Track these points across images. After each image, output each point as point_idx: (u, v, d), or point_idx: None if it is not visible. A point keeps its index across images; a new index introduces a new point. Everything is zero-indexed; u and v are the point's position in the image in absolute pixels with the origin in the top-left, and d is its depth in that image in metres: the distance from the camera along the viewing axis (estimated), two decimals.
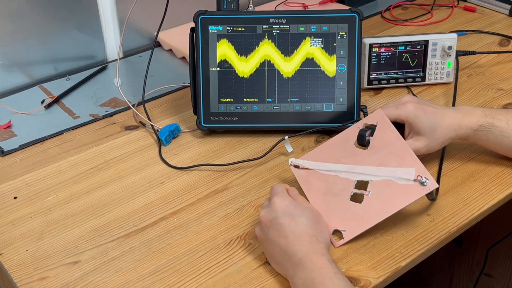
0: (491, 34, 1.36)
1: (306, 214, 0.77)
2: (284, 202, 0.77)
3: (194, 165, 0.97)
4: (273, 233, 0.75)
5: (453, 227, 0.84)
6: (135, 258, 0.80)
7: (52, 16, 1.21)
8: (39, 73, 1.24)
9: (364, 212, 0.81)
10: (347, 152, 0.87)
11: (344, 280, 0.70)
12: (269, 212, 0.77)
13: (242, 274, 0.77)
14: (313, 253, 0.72)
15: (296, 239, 0.74)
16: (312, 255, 0.72)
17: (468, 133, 0.90)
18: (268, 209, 0.77)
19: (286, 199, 0.78)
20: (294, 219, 0.75)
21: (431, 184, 0.80)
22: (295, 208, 0.77)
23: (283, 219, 0.75)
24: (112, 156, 1.00)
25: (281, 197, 0.78)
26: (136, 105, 1.12)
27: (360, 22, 1.01)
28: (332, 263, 0.72)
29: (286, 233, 0.74)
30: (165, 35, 1.33)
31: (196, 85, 1.02)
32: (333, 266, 0.71)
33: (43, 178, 0.95)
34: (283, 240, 0.74)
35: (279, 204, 0.77)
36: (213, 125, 1.03)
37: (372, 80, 1.16)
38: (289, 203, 0.77)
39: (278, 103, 1.03)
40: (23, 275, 0.77)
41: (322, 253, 0.73)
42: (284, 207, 0.76)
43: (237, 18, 1.01)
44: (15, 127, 1.08)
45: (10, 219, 0.87)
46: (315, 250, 0.73)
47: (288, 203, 0.77)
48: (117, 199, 0.90)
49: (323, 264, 0.71)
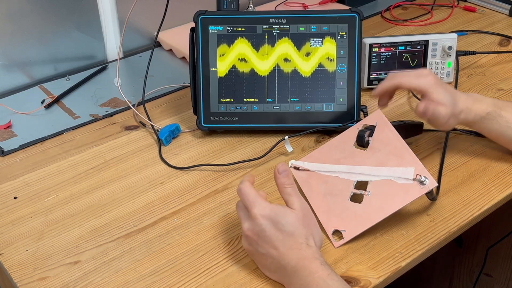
0: (491, 34, 1.36)
1: (290, 219, 0.73)
2: (265, 211, 0.73)
3: (194, 165, 0.97)
4: (262, 246, 0.74)
5: (453, 227, 0.84)
6: (135, 258, 0.80)
7: (52, 16, 1.21)
8: (39, 73, 1.24)
9: (364, 212, 0.81)
10: (347, 153, 0.87)
11: (338, 281, 0.70)
12: (253, 226, 0.74)
13: (242, 274, 0.77)
14: (305, 259, 0.72)
15: (287, 249, 0.73)
16: (304, 262, 0.72)
17: (475, 119, 0.91)
18: (251, 222, 0.74)
19: (265, 207, 0.73)
20: (281, 229, 0.73)
21: (431, 183, 0.80)
22: (277, 216, 0.73)
23: (269, 231, 0.73)
24: (112, 156, 1.00)
25: (260, 207, 0.73)
26: (136, 105, 1.12)
27: (360, 22, 1.01)
28: (325, 265, 0.72)
29: (276, 245, 0.73)
30: (165, 35, 1.33)
31: (196, 85, 1.03)
32: (326, 269, 0.71)
33: (43, 178, 0.95)
34: (274, 252, 0.73)
35: (261, 215, 0.73)
36: (213, 125, 1.03)
37: (372, 80, 1.16)
38: (270, 211, 0.73)
39: (278, 103, 1.03)
40: (23, 275, 0.77)
41: (314, 258, 0.72)
42: (267, 217, 0.73)
43: (237, 18, 1.01)
44: (15, 127, 1.08)
45: (10, 219, 0.87)
46: (307, 256, 0.72)
47: (269, 212, 0.73)
48: (117, 199, 0.90)
49: (316, 269, 0.71)
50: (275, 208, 0.74)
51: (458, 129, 1.03)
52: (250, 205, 0.74)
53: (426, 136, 1.02)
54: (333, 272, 0.71)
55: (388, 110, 1.10)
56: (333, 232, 0.82)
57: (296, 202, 0.75)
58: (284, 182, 0.76)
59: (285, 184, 0.76)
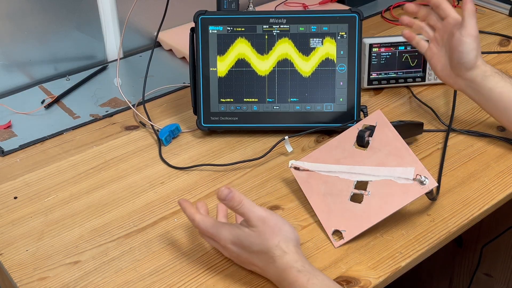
0: (491, 34, 1.36)
1: (253, 239, 0.72)
2: (230, 238, 0.74)
3: (194, 165, 0.97)
4: (246, 265, 0.76)
5: (453, 227, 0.84)
6: (135, 258, 0.80)
7: (52, 16, 1.21)
8: (39, 73, 1.24)
9: (363, 212, 0.81)
10: (347, 153, 0.87)
11: (320, 281, 0.70)
12: (229, 252, 0.76)
13: (242, 274, 0.77)
14: (283, 272, 0.71)
15: (265, 265, 0.73)
16: (282, 274, 0.72)
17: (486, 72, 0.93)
18: (225, 249, 0.76)
19: (228, 234, 0.74)
20: (250, 250, 0.73)
21: (431, 183, 0.80)
22: (241, 240, 0.73)
23: (243, 254, 0.74)
24: (112, 156, 1.00)
25: (223, 236, 0.74)
26: (136, 105, 1.12)
27: (360, 22, 1.01)
28: (303, 271, 0.70)
29: (255, 262, 0.74)
30: (165, 35, 1.33)
31: (196, 85, 1.03)
32: (305, 274, 0.70)
33: (43, 178, 0.95)
34: (257, 269, 0.75)
35: (230, 243, 0.74)
36: (213, 125, 1.03)
37: (372, 80, 1.16)
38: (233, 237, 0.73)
39: (278, 103, 1.03)
40: (23, 275, 0.78)
41: (290, 267, 0.71)
42: (234, 244, 0.74)
43: (237, 18, 1.01)
44: (15, 127, 1.08)
45: (10, 219, 0.87)
46: (283, 268, 0.71)
47: (233, 238, 0.73)
48: (117, 199, 0.90)
49: (295, 278, 0.70)
50: (237, 232, 0.73)
51: (458, 129, 1.03)
52: (214, 237, 0.75)
53: (426, 136, 1.02)
54: (313, 275, 0.70)
55: (388, 110, 1.11)
56: (333, 232, 0.82)
57: (252, 218, 0.72)
58: (232, 205, 0.72)
59: (234, 207, 0.72)
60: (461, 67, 0.93)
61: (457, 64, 0.94)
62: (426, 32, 0.99)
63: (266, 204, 0.89)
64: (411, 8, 0.98)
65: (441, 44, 0.96)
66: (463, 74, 0.94)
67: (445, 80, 0.98)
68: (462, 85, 0.96)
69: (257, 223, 0.72)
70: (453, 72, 0.95)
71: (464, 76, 0.94)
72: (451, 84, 0.97)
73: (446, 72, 0.96)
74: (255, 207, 0.72)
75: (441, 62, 0.97)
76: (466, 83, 0.95)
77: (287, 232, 0.74)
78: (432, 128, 1.05)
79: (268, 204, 0.88)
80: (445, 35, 0.95)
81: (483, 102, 0.96)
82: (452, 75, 0.96)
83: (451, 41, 0.93)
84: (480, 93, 0.94)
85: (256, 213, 0.72)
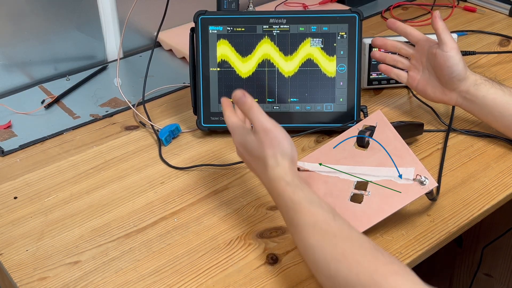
0: (491, 34, 1.36)
1: (253, 144, 0.77)
2: (238, 139, 0.79)
3: (194, 165, 0.97)
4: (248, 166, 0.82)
5: (453, 228, 0.84)
6: (135, 258, 0.80)
7: (52, 16, 1.21)
8: (39, 73, 1.24)
9: (364, 212, 0.81)
10: (347, 153, 0.87)
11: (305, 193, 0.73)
12: (238, 152, 0.83)
13: (242, 274, 0.77)
14: (273, 181, 0.75)
15: (261, 173, 0.78)
16: (273, 184, 0.75)
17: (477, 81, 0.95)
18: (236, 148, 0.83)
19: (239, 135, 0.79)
20: (251, 154, 0.78)
21: (431, 183, 0.80)
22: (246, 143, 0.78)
23: (246, 157, 0.80)
24: (112, 156, 1.00)
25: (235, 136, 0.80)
26: (136, 105, 1.12)
27: (360, 22, 1.01)
28: (291, 184, 0.73)
29: (254, 167, 0.79)
30: (165, 35, 1.33)
31: (196, 85, 1.03)
32: (291, 187, 0.73)
33: (43, 178, 0.95)
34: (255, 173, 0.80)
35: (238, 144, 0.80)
36: (213, 125, 1.03)
37: (372, 80, 1.16)
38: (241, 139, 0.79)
39: (278, 103, 1.03)
40: (23, 275, 0.78)
41: (280, 178, 0.74)
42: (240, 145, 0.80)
43: (237, 18, 1.01)
44: (15, 127, 1.08)
45: (10, 219, 0.87)
46: (274, 178, 0.75)
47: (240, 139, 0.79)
48: (117, 199, 0.90)
49: (283, 189, 0.74)
50: (245, 136, 0.78)
51: (458, 129, 1.03)
52: (232, 136, 0.81)
53: (426, 136, 1.02)
54: (300, 188, 0.73)
55: (388, 110, 1.11)
56: None
57: (257, 125, 0.76)
58: (243, 109, 0.77)
59: (244, 111, 0.77)
60: (453, 80, 0.95)
61: (448, 79, 0.96)
62: (401, 63, 1.03)
63: (266, 204, 0.89)
64: (378, 42, 1.03)
65: (421, 68, 1.00)
66: (457, 87, 0.96)
67: (439, 100, 1.00)
68: (457, 99, 0.98)
69: (260, 131, 0.76)
70: (446, 89, 0.97)
71: (458, 88, 0.96)
72: (447, 101, 0.99)
73: (438, 92, 0.99)
74: (263, 117, 0.76)
75: (430, 85, 0.99)
76: (460, 95, 0.97)
77: (284, 147, 0.76)
78: (432, 128, 1.05)
79: (268, 204, 0.89)
80: (423, 58, 0.99)
81: (478, 111, 0.97)
82: (445, 92, 0.98)
83: (434, 61, 0.96)
84: (474, 102, 0.96)
85: (261, 122, 0.76)
